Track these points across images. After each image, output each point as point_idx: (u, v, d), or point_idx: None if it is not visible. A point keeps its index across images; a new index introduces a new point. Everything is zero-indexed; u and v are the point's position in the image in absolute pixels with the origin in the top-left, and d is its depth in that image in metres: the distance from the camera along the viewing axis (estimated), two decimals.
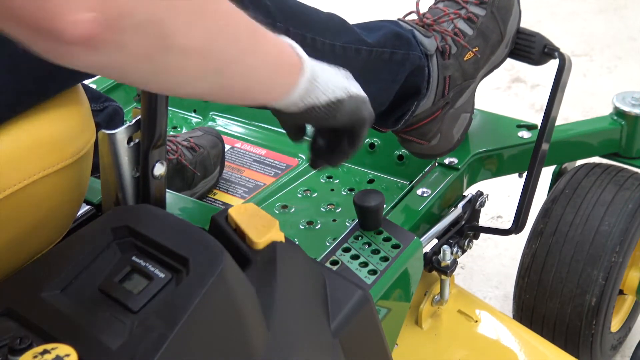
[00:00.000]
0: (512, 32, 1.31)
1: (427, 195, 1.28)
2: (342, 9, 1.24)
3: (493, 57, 1.30)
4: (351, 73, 1.14)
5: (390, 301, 1.10)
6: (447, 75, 1.23)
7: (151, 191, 0.91)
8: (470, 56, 1.25)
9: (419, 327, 1.29)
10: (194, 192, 1.37)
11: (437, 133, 1.27)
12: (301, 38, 1.08)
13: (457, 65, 1.24)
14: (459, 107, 1.28)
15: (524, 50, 1.33)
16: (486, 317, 1.32)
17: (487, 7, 1.28)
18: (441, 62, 1.23)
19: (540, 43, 1.32)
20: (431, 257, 1.24)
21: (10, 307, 0.74)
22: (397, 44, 1.18)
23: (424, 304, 1.28)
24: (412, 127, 1.26)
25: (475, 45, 1.26)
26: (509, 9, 1.30)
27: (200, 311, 0.71)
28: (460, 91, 1.26)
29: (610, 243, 1.36)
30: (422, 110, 1.24)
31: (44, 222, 0.85)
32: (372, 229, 1.12)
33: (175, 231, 0.79)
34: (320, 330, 0.86)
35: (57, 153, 0.83)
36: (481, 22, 1.27)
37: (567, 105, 2.31)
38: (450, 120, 1.28)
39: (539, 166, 1.30)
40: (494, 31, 1.28)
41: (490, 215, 1.96)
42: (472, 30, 1.26)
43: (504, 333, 1.30)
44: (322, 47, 1.10)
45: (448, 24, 1.26)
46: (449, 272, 1.24)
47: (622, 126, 1.48)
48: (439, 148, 1.29)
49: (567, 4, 2.87)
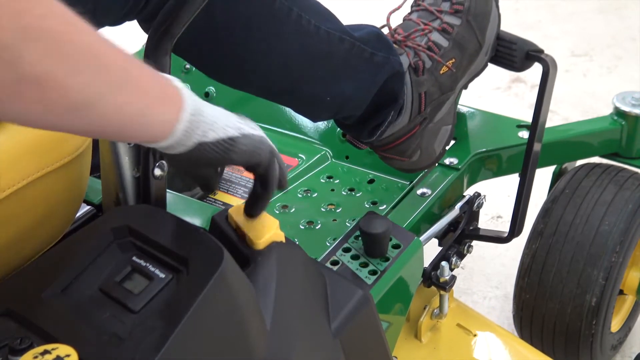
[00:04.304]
0: (491, 39, 1.27)
1: (427, 195, 1.28)
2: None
3: (472, 67, 1.26)
4: (332, 62, 1.12)
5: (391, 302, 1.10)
6: (422, 92, 1.19)
7: (151, 191, 0.91)
8: (445, 70, 1.21)
9: (418, 340, 1.29)
10: (194, 192, 1.37)
11: (417, 149, 1.23)
12: (287, 10, 1.06)
13: (432, 80, 1.20)
14: (438, 121, 1.24)
15: (505, 58, 1.29)
16: (485, 331, 1.32)
17: (463, 16, 1.23)
18: (415, 79, 1.19)
19: (522, 49, 1.27)
20: (430, 273, 1.24)
21: (11, 308, 0.74)
22: (378, 45, 1.16)
23: (423, 318, 1.28)
24: (390, 145, 1.22)
25: (451, 57, 1.21)
26: (486, 15, 1.25)
27: (201, 311, 0.71)
28: (438, 105, 1.22)
29: (610, 243, 1.36)
30: (399, 128, 1.20)
31: (43, 221, 0.85)
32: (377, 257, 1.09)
33: (176, 231, 0.80)
34: (321, 331, 0.86)
35: (56, 151, 0.83)
36: (457, 32, 1.22)
37: (567, 105, 2.32)
38: (430, 135, 1.24)
39: (531, 171, 1.29)
40: (471, 40, 1.24)
41: (490, 215, 1.96)
42: (447, 42, 1.21)
43: (503, 347, 1.31)
44: (307, 26, 1.08)
45: (421, 39, 1.21)
46: (447, 288, 1.24)
47: (622, 126, 1.48)
48: (421, 163, 1.26)
49: (567, 4, 2.87)
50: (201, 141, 0.74)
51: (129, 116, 0.68)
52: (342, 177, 1.39)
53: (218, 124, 0.76)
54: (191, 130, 0.73)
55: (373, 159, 1.41)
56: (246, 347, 0.76)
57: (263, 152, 0.80)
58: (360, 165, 1.40)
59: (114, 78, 0.66)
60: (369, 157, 1.40)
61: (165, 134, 0.72)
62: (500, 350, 1.30)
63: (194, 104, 0.74)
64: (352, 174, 1.39)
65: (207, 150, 0.75)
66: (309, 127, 1.47)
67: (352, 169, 1.40)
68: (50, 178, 0.82)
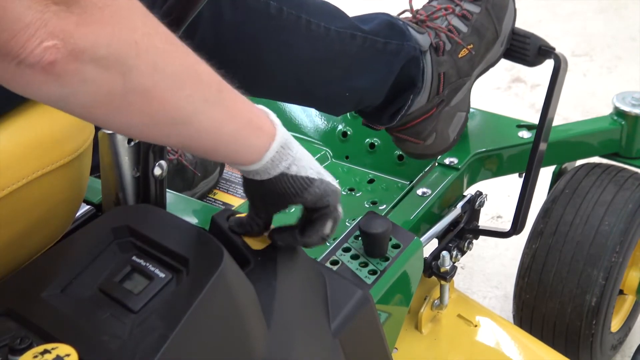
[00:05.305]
0: (507, 31, 1.30)
1: (427, 195, 1.28)
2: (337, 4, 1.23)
3: (488, 55, 1.28)
4: (346, 60, 1.13)
5: (390, 302, 1.10)
6: (442, 72, 1.22)
7: (151, 191, 0.91)
8: (465, 53, 1.24)
9: (418, 331, 1.29)
10: (194, 192, 1.37)
11: (432, 132, 1.25)
12: (295, 18, 1.07)
13: (451, 62, 1.23)
14: (454, 106, 1.26)
15: (518, 52, 1.31)
16: (486, 322, 1.32)
17: (482, 4, 1.27)
18: (435, 59, 1.21)
19: (535, 44, 1.31)
20: (431, 263, 1.24)
21: (11, 307, 0.74)
22: (390, 33, 1.17)
23: (423, 309, 1.28)
24: (406, 125, 1.24)
25: (469, 43, 1.24)
26: (504, 6, 1.29)
27: (201, 311, 0.71)
28: (455, 89, 1.25)
29: (610, 243, 1.36)
30: (417, 108, 1.22)
31: (43, 220, 0.85)
32: (377, 257, 1.10)
33: (176, 231, 0.80)
34: (321, 331, 0.86)
35: (56, 151, 0.83)
36: (475, 19, 1.26)
37: (567, 105, 2.32)
38: (445, 119, 1.26)
39: (536, 168, 1.29)
40: (489, 29, 1.27)
41: (490, 215, 1.96)
42: (466, 28, 1.25)
43: (504, 337, 1.30)
44: (316, 30, 1.09)
45: (442, 21, 1.24)
46: (448, 278, 1.24)
47: (622, 126, 1.48)
48: (435, 147, 1.27)
49: (567, 4, 2.87)
50: (284, 172, 0.78)
51: (222, 135, 0.73)
52: (342, 177, 1.39)
53: (303, 162, 0.80)
54: (278, 161, 0.77)
55: (373, 159, 1.41)
56: (246, 347, 0.76)
57: (332, 202, 0.82)
58: (360, 165, 1.40)
59: (210, 96, 0.71)
60: (369, 157, 1.41)
61: (254, 159, 0.77)
62: (501, 339, 1.30)
63: (285, 137, 0.78)
64: (352, 173, 1.39)
65: (286, 182, 0.79)
66: (309, 127, 1.47)
67: (352, 169, 1.40)
68: (50, 178, 0.82)
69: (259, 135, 0.76)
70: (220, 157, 0.79)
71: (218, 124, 0.72)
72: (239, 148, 0.76)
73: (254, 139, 0.76)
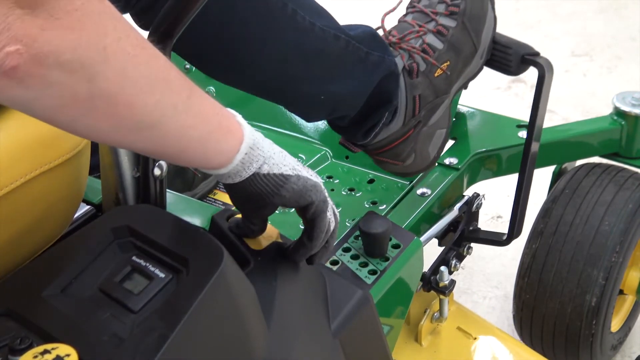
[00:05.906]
0: (487, 42, 1.26)
1: (427, 195, 1.28)
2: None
3: (467, 70, 1.25)
4: (327, 61, 1.11)
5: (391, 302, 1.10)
6: (417, 95, 1.18)
7: (151, 191, 0.91)
8: (440, 73, 1.20)
9: (418, 344, 1.29)
10: (194, 192, 1.37)
11: (411, 152, 1.22)
12: (282, 6, 1.06)
13: (426, 82, 1.19)
14: (432, 125, 1.23)
15: (500, 62, 1.29)
16: (485, 335, 1.32)
17: (458, 18, 1.22)
18: (409, 82, 1.18)
19: (517, 54, 1.27)
20: (429, 277, 1.24)
21: (11, 307, 0.74)
22: (373, 44, 1.15)
23: (423, 321, 1.28)
24: (384, 148, 1.21)
25: (445, 60, 1.20)
26: (482, 17, 1.25)
27: (201, 311, 0.71)
28: (432, 108, 1.21)
29: (610, 243, 1.36)
30: (393, 132, 1.20)
31: (42, 219, 0.85)
32: (377, 257, 1.10)
33: (176, 231, 0.80)
34: (321, 331, 0.86)
35: (54, 149, 0.83)
36: (452, 34, 1.21)
37: (567, 105, 2.32)
38: (424, 139, 1.23)
39: (529, 174, 1.28)
40: (466, 43, 1.23)
41: (490, 215, 1.96)
42: (442, 44, 1.21)
43: (503, 351, 1.31)
44: (302, 22, 1.07)
45: (416, 41, 1.20)
46: (447, 292, 1.24)
47: (622, 126, 1.48)
48: (415, 167, 1.25)
49: (567, 4, 2.87)
50: (256, 172, 0.78)
51: (190, 140, 0.72)
52: (342, 177, 1.39)
53: (274, 159, 0.79)
54: (248, 162, 0.77)
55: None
56: (246, 347, 0.76)
57: (315, 196, 0.81)
58: (360, 165, 1.40)
59: (178, 102, 0.70)
60: (369, 157, 1.41)
61: (223, 163, 0.76)
62: (500, 353, 1.30)
63: (253, 138, 0.77)
64: (352, 173, 1.39)
65: (259, 182, 0.78)
66: (309, 127, 1.47)
67: (352, 169, 1.40)
68: (49, 176, 0.82)
69: (228, 138, 0.76)
70: (190, 162, 0.78)
71: (186, 129, 0.71)
72: (208, 152, 0.75)
73: (222, 142, 0.75)
